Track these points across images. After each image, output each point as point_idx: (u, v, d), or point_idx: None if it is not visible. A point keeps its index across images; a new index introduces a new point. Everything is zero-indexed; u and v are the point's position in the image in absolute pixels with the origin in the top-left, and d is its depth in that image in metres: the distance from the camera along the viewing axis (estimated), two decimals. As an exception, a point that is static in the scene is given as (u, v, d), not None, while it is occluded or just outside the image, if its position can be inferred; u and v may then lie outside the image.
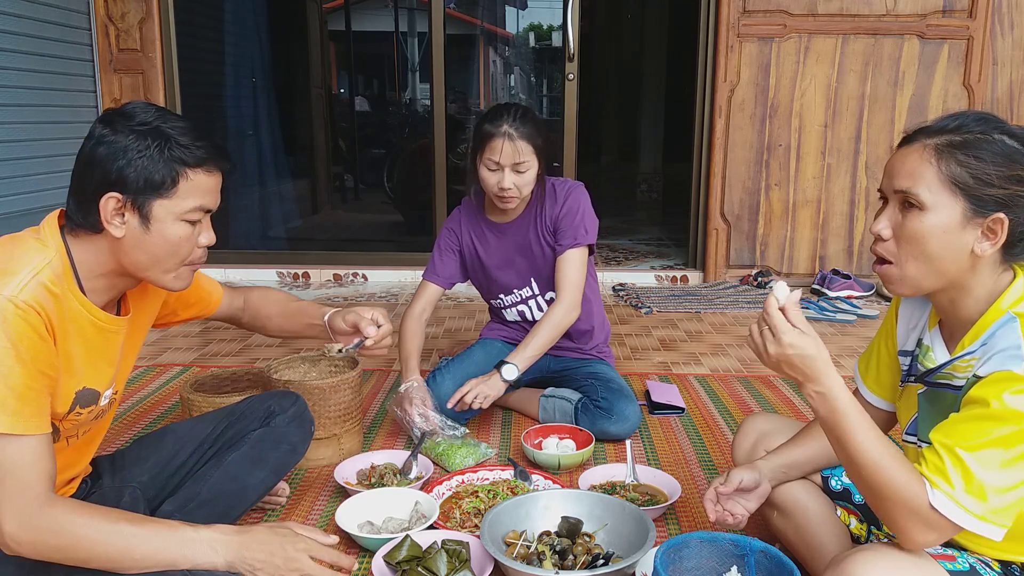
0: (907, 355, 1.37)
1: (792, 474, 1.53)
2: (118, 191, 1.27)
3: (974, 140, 1.15)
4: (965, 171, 1.14)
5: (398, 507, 1.83)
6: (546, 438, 2.23)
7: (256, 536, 1.35)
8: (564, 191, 2.39)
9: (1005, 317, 1.15)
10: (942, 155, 1.15)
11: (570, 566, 1.55)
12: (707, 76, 4.47)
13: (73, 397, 1.33)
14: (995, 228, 1.15)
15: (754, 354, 1.22)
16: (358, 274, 4.74)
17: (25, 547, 1.20)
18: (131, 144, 1.27)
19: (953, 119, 1.19)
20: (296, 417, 1.73)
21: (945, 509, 1.09)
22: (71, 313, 1.29)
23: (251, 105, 5.97)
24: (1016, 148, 1.15)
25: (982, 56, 4.31)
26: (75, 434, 1.41)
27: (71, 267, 1.31)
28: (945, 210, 1.15)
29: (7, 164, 3.75)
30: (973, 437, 1.09)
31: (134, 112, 1.30)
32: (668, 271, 4.78)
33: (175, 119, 1.32)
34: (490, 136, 2.24)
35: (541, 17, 7.52)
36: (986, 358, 1.15)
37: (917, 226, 1.17)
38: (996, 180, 1.13)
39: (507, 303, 2.53)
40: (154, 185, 1.28)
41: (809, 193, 4.49)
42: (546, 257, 2.42)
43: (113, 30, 4.41)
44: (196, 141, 1.31)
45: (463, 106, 6.97)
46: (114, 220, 1.29)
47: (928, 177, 1.16)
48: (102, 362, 1.38)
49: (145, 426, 2.46)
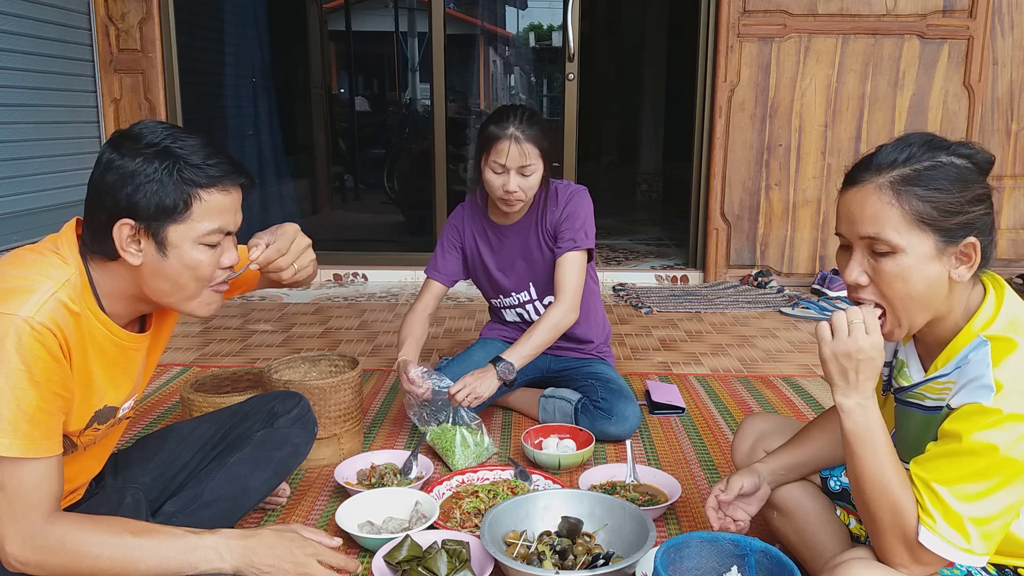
0: (885, 365, 1.37)
1: (791, 476, 1.53)
2: (130, 218, 1.23)
3: (927, 171, 1.13)
4: (928, 205, 1.13)
5: (398, 507, 1.83)
6: (546, 438, 2.23)
7: (263, 540, 1.34)
8: (567, 195, 2.38)
9: (977, 340, 1.15)
10: (901, 194, 1.13)
11: (570, 566, 1.55)
12: (707, 76, 4.47)
13: (92, 415, 1.32)
14: (968, 252, 1.15)
15: (817, 337, 1.19)
16: (358, 274, 4.74)
17: (31, 566, 1.20)
18: (139, 168, 1.22)
19: (898, 149, 1.17)
20: (299, 418, 1.73)
21: (929, 542, 1.11)
22: (91, 331, 1.27)
23: (251, 105, 5.97)
24: (967, 167, 1.15)
25: (982, 56, 4.31)
26: (92, 441, 1.40)
27: (91, 287, 1.28)
28: (918, 248, 1.14)
29: (7, 164, 3.75)
30: (948, 472, 1.11)
31: (141, 134, 1.25)
32: (668, 271, 4.78)
33: (186, 137, 1.26)
34: (496, 138, 2.21)
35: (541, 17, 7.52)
36: (959, 387, 1.16)
37: (894, 269, 1.15)
38: (958, 207, 1.13)
39: (506, 304, 2.53)
40: (167, 210, 1.23)
41: (809, 193, 4.49)
42: (545, 261, 2.41)
43: (113, 30, 4.41)
44: (208, 160, 1.26)
45: (463, 106, 6.96)
46: (130, 248, 1.25)
47: (894, 219, 1.14)
48: (122, 378, 1.37)
49: (146, 426, 2.46)
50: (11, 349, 1.15)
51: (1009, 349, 1.12)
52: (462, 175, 5.83)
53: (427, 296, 2.48)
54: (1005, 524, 1.12)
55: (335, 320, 3.81)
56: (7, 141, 3.74)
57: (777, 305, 4.08)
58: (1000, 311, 1.18)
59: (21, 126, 3.85)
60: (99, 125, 4.46)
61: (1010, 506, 1.10)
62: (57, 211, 4.00)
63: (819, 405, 2.68)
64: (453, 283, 2.52)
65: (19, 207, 3.80)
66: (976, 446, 1.09)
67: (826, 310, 3.94)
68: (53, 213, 3.97)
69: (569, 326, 2.34)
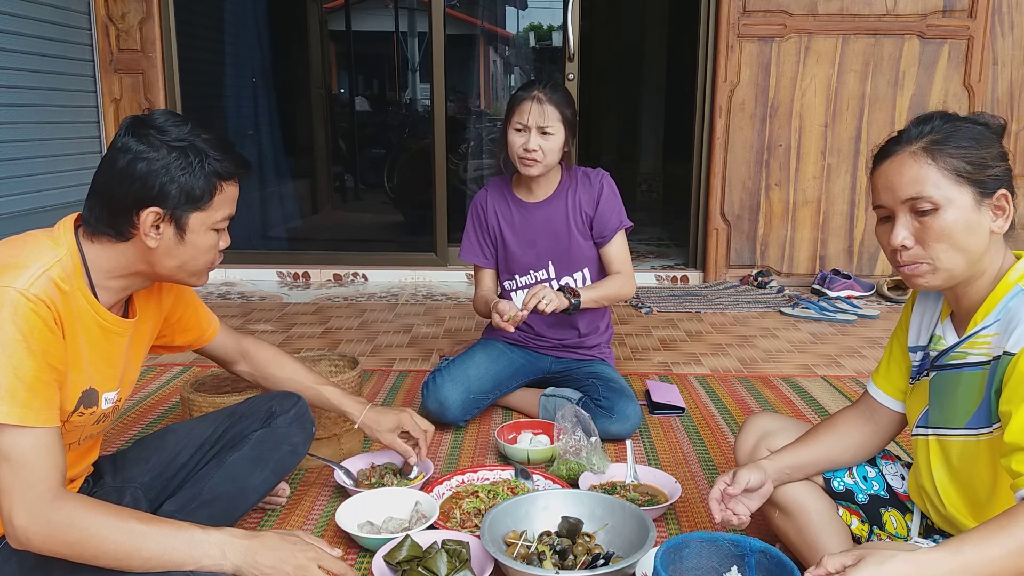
0: (919, 350, 1.39)
1: (795, 475, 1.53)
2: (159, 206, 1.30)
3: (952, 134, 1.21)
4: (962, 161, 1.20)
5: (398, 507, 1.83)
6: (520, 433, 2.28)
7: (266, 542, 1.35)
8: (598, 179, 2.46)
9: (1015, 289, 1.20)
10: (935, 153, 1.21)
11: (570, 566, 1.55)
12: (707, 76, 4.47)
13: (79, 396, 1.33)
14: (1002, 204, 1.21)
15: None
16: (358, 274, 4.74)
17: (35, 541, 1.20)
18: (174, 161, 1.30)
19: (922, 123, 1.25)
20: (297, 418, 1.73)
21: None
22: (79, 311, 1.30)
23: (251, 105, 5.97)
24: (982, 130, 1.23)
25: (982, 56, 4.31)
26: (77, 440, 1.41)
27: (83, 266, 1.32)
28: (958, 200, 1.20)
29: (7, 164, 3.75)
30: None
31: (166, 126, 1.32)
32: (668, 271, 4.78)
33: (203, 132, 1.35)
34: (520, 100, 2.32)
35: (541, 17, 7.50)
36: (1008, 332, 1.17)
37: (941, 225, 1.20)
38: (987, 160, 1.20)
39: (520, 284, 2.53)
40: (194, 199, 1.32)
41: (809, 193, 4.49)
42: (572, 240, 2.44)
43: (113, 30, 4.41)
44: (225, 153, 1.36)
45: (463, 106, 6.96)
46: (151, 232, 1.31)
47: (933, 177, 1.20)
48: (104, 363, 1.38)
49: (145, 426, 2.46)
50: (7, 319, 1.18)
51: None
52: (462, 175, 5.83)
53: (486, 282, 2.55)
54: None
55: (335, 320, 3.81)
56: (7, 141, 3.74)
57: (777, 305, 4.08)
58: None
59: (21, 126, 3.85)
60: (99, 125, 4.46)
61: None
62: (57, 211, 3.97)
63: (819, 405, 2.68)
64: (496, 265, 2.56)
65: (19, 207, 3.80)
66: None
67: (826, 310, 3.94)
68: (53, 213, 3.94)
69: (628, 296, 2.46)
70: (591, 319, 2.53)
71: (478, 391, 2.42)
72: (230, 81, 5.82)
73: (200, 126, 1.36)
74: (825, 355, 3.29)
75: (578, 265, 2.47)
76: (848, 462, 1.53)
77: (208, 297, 4.26)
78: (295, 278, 4.73)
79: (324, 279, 4.73)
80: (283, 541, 1.36)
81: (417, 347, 3.36)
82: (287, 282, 4.69)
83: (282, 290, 4.48)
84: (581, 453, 2.05)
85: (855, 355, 3.28)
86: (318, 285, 4.63)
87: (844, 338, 3.55)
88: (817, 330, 3.68)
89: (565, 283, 2.47)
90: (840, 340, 3.51)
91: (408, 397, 2.74)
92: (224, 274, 4.72)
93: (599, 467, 2.03)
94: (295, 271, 4.75)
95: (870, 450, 1.52)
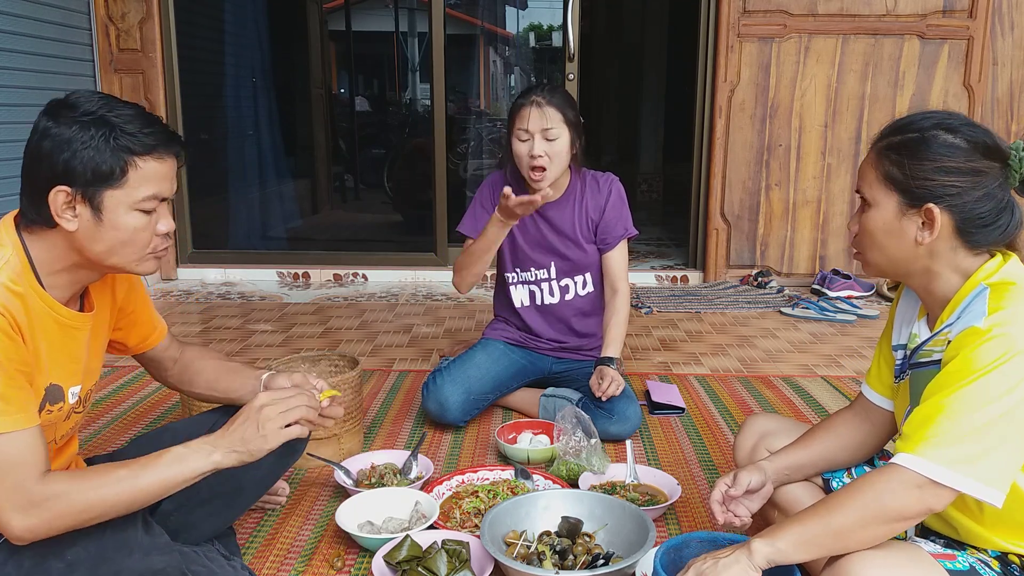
0: (900, 348, 1.40)
1: (795, 476, 1.53)
2: (66, 184, 1.25)
3: (910, 140, 1.24)
4: (895, 168, 1.25)
5: (398, 507, 1.83)
6: (520, 433, 2.28)
7: (236, 420, 1.39)
8: (607, 184, 2.45)
9: (978, 289, 1.21)
10: (880, 156, 1.27)
11: (570, 566, 1.55)
12: (707, 76, 4.47)
13: (43, 394, 1.33)
14: (930, 218, 1.22)
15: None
16: (358, 274, 4.74)
17: (41, 531, 1.22)
18: (75, 136, 1.24)
19: (900, 123, 1.28)
20: None
21: (922, 468, 1.12)
22: (35, 311, 1.29)
23: (251, 105, 5.96)
24: (951, 142, 1.22)
25: (982, 56, 4.31)
26: (53, 439, 1.41)
27: (29, 264, 1.30)
28: (883, 204, 1.27)
29: (7, 164, 3.75)
30: (947, 387, 1.15)
31: (78, 102, 1.27)
32: (668, 271, 4.78)
33: (122, 106, 1.29)
34: (519, 107, 2.30)
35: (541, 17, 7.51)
36: (959, 328, 1.20)
37: (865, 221, 1.30)
38: (921, 174, 1.22)
39: (521, 279, 2.52)
40: (103, 176, 1.26)
41: (809, 193, 4.49)
42: (577, 243, 2.43)
43: (113, 30, 4.41)
44: (144, 128, 1.28)
45: (463, 106, 6.96)
46: (65, 213, 1.27)
47: (870, 178, 1.29)
48: (67, 359, 1.38)
49: (145, 426, 2.46)
50: None
51: (1006, 287, 1.18)
52: (462, 175, 5.83)
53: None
54: (1009, 457, 1.12)
55: (335, 320, 3.81)
56: (7, 141, 3.74)
57: (777, 305, 4.08)
58: (1003, 267, 1.22)
59: (21, 126, 3.84)
60: (99, 125, 4.46)
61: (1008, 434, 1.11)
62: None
63: (819, 405, 2.68)
64: None
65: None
66: (970, 360, 1.14)
67: (826, 310, 3.94)
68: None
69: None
70: (591, 322, 2.53)
71: (478, 392, 2.41)
72: (230, 81, 5.82)
73: (124, 102, 1.30)
74: (825, 355, 3.29)
75: (580, 270, 2.46)
76: (846, 462, 1.53)
77: (208, 297, 4.27)
78: (295, 278, 4.73)
79: (324, 279, 4.73)
80: (248, 410, 1.40)
81: (417, 347, 3.36)
82: (287, 282, 4.69)
83: (282, 290, 4.48)
84: (581, 455, 2.05)
85: (855, 355, 3.28)
86: (318, 285, 4.63)
87: (844, 338, 3.55)
88: (817, 330, 3.68)
89: (565, 284, 2.47)
90: (840, 340, 3.52)
91: (408, 397, 2.74)
92: (224, 274, 4.72)
93: (599, 468, 2.03)
94: (295, 271, 4.75)
95: (868, 450, 1.52)
